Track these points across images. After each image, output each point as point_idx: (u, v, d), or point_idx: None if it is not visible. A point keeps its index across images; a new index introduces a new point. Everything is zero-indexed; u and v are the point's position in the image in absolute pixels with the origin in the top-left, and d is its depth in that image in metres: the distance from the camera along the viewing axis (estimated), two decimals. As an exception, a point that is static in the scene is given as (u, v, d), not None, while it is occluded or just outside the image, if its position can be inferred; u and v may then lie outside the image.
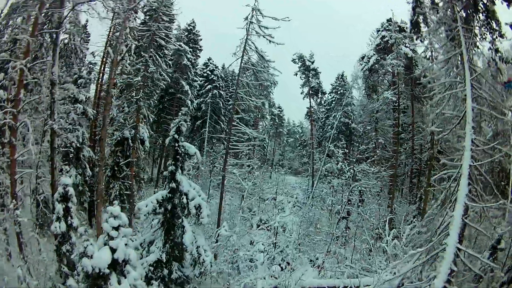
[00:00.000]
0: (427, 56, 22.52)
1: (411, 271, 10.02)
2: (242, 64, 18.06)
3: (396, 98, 21.20)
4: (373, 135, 25.48)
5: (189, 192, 10.65)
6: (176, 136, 10.74)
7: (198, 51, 41.18)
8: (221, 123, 41.17)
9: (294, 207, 29.82)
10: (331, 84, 42.56)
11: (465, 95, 10.67)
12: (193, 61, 37.24)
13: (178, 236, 10.64)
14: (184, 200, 10.47)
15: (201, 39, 41.64)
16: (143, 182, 30.57)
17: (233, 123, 19.15)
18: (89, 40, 37.58)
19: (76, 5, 16.36)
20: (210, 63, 42.24)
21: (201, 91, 41.44)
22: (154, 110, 37.89)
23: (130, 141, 22.53)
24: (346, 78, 41.49)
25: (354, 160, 20.28)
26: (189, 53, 36.22)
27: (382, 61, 23.17)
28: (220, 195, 19.99)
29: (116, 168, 23.62)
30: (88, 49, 36.95)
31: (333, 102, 41.47)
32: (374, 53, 23.93)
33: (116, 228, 8.97)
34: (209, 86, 40.91)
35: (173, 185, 10.68)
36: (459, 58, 12.25)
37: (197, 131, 41.55)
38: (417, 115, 27.83)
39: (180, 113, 11.80)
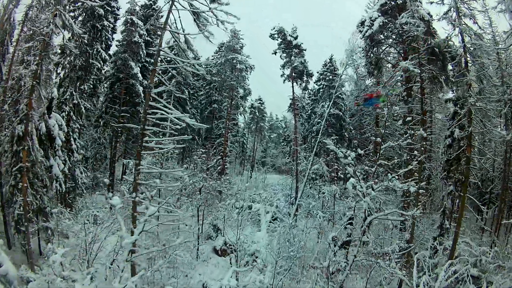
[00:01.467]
0: (453, 17, 16.37)
1: None
2: (172, 3, 11.20)
3: (418, 69, 14.66)
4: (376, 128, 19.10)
5: None
6: None
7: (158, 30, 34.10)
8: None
9: (274, 220, 23.45)
10: (318, 72, 36.00)
11: None
12: (146, 38, 30.09)
13: None
14: None
15: (162, 16, 34.53)
16: (80, 189, 23.76)
17: (149, 102, 12.22)
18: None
19: None
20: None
21: (163, 78, 34.39)
22: (105, 99, 31.05)
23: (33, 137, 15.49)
24: (335, 62, 35.13)
25: (373, 166, 13.03)
26: (143, 29, 29.20)
27: (390, 24, 16.82)
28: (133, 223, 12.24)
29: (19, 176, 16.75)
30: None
31: (321, 90, 35.12)
32: (379, 14, 17.60)
33: None
34: (172, 72, 33.96)
35: None
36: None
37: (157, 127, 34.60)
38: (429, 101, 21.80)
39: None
